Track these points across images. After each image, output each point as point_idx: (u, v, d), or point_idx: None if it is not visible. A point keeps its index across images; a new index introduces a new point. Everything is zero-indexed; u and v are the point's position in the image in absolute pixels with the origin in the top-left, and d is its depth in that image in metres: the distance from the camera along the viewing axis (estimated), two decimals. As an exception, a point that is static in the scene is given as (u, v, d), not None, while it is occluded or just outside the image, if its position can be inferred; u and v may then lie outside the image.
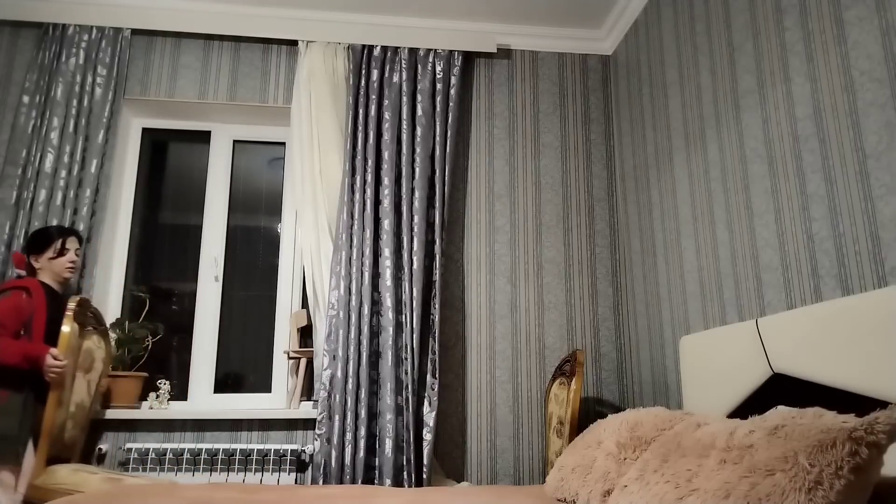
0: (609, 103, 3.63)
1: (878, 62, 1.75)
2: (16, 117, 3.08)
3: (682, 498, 1.34)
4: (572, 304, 3.35)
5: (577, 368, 2.68)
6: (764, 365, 1.91)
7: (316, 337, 3.12)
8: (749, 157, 2.31)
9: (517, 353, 3.26)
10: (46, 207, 2.99)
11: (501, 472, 3.12)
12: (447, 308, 3.27)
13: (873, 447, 1.12)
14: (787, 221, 2.08)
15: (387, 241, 3.10)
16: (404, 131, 3.25)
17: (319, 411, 2.91)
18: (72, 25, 3.21)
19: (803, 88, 2.03)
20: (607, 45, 3.65)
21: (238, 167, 3.54)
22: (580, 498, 1.88)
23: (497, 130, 3.51)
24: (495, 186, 3.44)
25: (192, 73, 3.35)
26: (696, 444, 1.49)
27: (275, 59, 3.43)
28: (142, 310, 3.22)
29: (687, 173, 2.74)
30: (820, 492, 1.10)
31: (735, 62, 2.42)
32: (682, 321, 2.73)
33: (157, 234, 3.47)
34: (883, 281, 1.70)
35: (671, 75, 2.92)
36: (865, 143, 1.78)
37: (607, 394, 3.28)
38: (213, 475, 2.87)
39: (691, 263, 2.67)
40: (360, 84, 3.29)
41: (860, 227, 1.78)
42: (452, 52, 3.42)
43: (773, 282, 2.14)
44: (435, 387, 3.01)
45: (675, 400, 2.74)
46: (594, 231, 3.46)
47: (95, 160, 3.07)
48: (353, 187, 3.16)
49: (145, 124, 3.48)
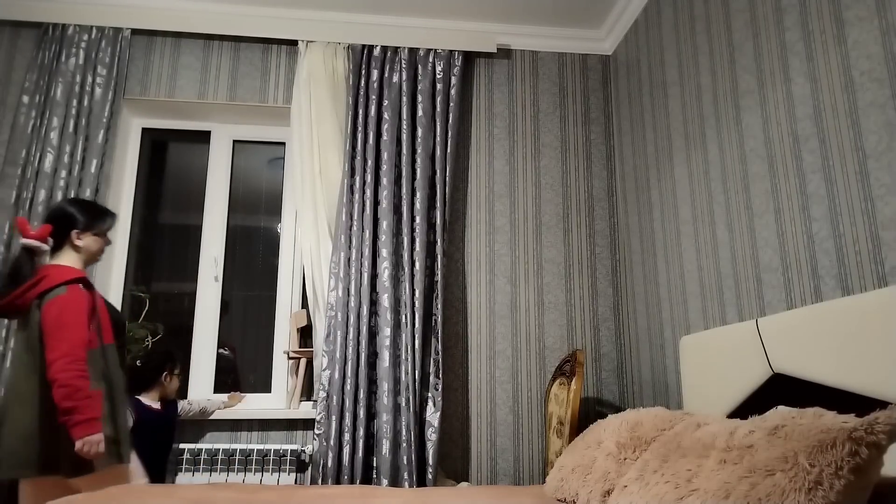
0: (609, 103, 3.63)
1: (878, 62, 1.75)
2: (16, 117, 3.08)
3: (682, 498, 1.34)
4: (572, 304, 3.35)
5: (577, 368, 2.67)
6: (764, 365, 1.91)
7: (315, 337, 3.12)
8: (749, 157, 2.31)
9: (517, 353, 3.26)
10: (46, 207, 2.99)
11: (501, 472, 3.12)
12: (448, 308, 3.27)
13: (873, 447, 1.12)
14: (787, 221, 2.08)
15: (385, 242, 3.09)
16: (404, 131, 3.24)
17: (319, 411, 2.91)
18: (72, 25, 3.21)
19: (803, 88, 2.03)
20: (607, 45, 3.65)
21: (238, 167, 3.54)
22: (580, 498, 1.88)
23: (497, 130, 3.51)
24: (495, 186, 3.44)
25: (191, 73, 3.35)
26: (696, 445, 1.49)
27: (275, 59, 3.43)
28: (142, 310, 3.22)
29: (687, 173, 2.74)
30: (820, 492, 1.10)
31: (735, 62, 2.42)
32: (682, 321, 2.73)
33: (157, 234, 3.47)
34: (883, 281, 1.70)
35: (671, 75, 2.92)
36: (865, 143, 1.77)
37: (607, 394, 3.28)
38: (213, 475, 2.87)
39: (691, 263, 2.67)
40: (360, 84, 3.29)
41: (860, 227, 1.78)
42: (452, 52, 3.42)
43: (773, 282, 2.14)
44: (439, 387, 3.01)
45: (675, 400, 2.74)
46: (594, 231, 3.45)
47: (95, 160, 3.07)
48: (353, 188, 3.16)
49: (145, 124, 3.48)
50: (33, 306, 2.10)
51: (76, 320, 2.05)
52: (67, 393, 1.98)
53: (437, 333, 3.08)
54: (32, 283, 2.11)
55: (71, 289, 2.10)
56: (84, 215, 2.25)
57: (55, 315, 2.04)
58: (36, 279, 2.11)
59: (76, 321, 2.05)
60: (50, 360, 2.00)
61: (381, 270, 3.07)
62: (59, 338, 2.02)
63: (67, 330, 2.03)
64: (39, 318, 2.08)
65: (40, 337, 2.07)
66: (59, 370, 1.98)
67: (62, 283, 2.09)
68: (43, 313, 2.06)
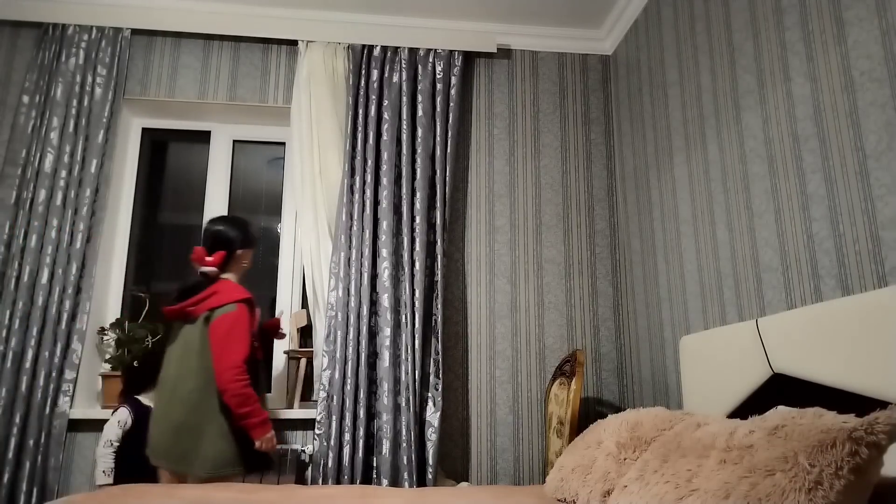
0: (609, 103, 3.63)
1: (878, 62, 1.75)
2: (16, 117, 3.08)
3: (682, 498, 1.34)
4: (572, 304, 3.35)
5: (577, 368, 2.67)
6: (764, 365, 1.91)
7: (315, 337, 3.12)
8: (749, 157, 2.31)
9: (517, 353, 3.26)
10: (46, 207, 2.99)
11: (501, 472, 3.12)
12: (448, 308, 3.27)
13: (873, 447, 1.12)
14: (787, 221, 2.08)
15: (385, 242, 3.09)
16: (404, 131, 3.24)
17: (319, 411, 2.91)
18: (72, 25, 3.21)
19: (803, 88, 2.03)
20: (607, 45, 3.65)
21: (238, 167, 3.54)
22: (580, 498, 1.87)
23: (497, 130, 3.51)
24: (495, 186, 3.44)
25: (191, 72, 3.35)
26: (696, 445, 1.49)
27: (275, 59, 3.43)
28: (142, 310, 3.22)
29: (687, 173, 2.74)
30: (820, 492, 1.10)
31: (735, 62, 2.42)
32: (682, 321, 2.73)
33: (157, 234, 3.47)
34: (883, 281, 1.70)
35: (671, 75, 2.92)
36: (865, 143, 1.77)
37: (607, 394, 3.28)
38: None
39: (691, 263, 2.67)
40: (360, 84, 3.29)
41: (860, 227, 1.78)
42: (452, 52, 3.42)
43: (773, 282, 2.14)
44: (439, 387, 3.01)
45: (675, 400, 2.74)
46: (594, 231, 3.45)
47: (95, 160, 3.07)
48: (353, 188, 3.16)
49: (145, 124, 3.48)
50: (202, 317, 2.36)
51: (242, 336, 2.32)
52: (241, 401, 2.28)
53: (437, 333, 3.08)
54: (205, 296, 2.37)
55: (240, 307, 2.36)
56: (242, 235, 2.52)
57: (225, 330, 2.31)
58: (208, 293, 2.37)
59: (242, 337, 2.32)
60: (219, 370, 2.28)
61: (381, 270, 3.07)
62: (228, 350, 2.29)
63: (236, 343, 2.30)
64: (206, 329, 2.35)
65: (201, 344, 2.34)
66: (230, 381, 2.26)
67: (233, 302, 2.35)
68: (214, 326, 2.33)
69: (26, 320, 2.87)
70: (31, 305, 2.88)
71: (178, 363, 2.37)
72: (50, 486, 2.74)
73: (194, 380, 2.33)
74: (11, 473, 2.72)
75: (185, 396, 2.32)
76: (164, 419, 2.33)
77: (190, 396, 2.32)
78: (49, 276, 2.91)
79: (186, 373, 2.34)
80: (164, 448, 2.31)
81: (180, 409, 2.31)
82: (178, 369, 2.37)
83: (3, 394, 2.77)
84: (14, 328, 2.84)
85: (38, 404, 2.79)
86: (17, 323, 2.84)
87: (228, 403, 2.29)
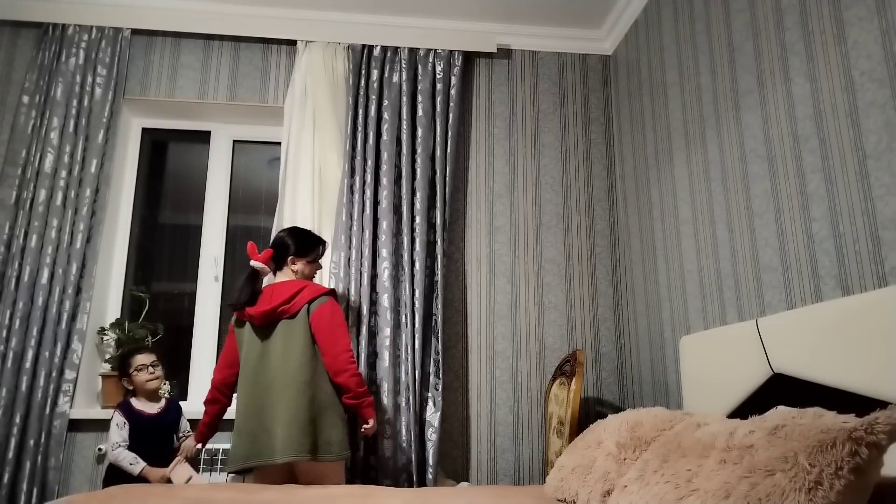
0: (609, 103, 3.63)
1: (878, 62, 1.75)
2: (16, 117, 3.08)
3: (682, 498, 1.34)
4: (572, 304, 3.35)
5: (577, 368, 2.67)
6: (764, 365, 1.91)
7: (316, 337, 3.12)
8: (749, 157, 2.31)
9: (517, 354, 3.26)
10: (46, 207, 2.99)
11: (501, 472, 3.12)
12: (448, 308, 3.26)
13: (873, 447, 1.12)
14: (787, 221, 2.08)
15: (385, 242, 3.09)
16: (404, 132, 3.24)
17: (319, 411, 2.91)
18: (72, 25, 3.21)
19: (803, 88, 2.03)
20: (607, 45, 3.65)
21: (238, 167, 3.53)
22: (580, 498, 1.87)
23: (497, 130, 3.51)
24: (495, 186, 3.44)
25: (191, 73, 3.35)
26: (696, 445, 1.49)
27: (274, 59, 3.43)
28: (142, 310, 3.22)
29: (687, 173, 2.74)
30: (820, 492, 1.10)
31: (735, 62, 2.42)
32: (682, 321, 2.73)
33: (157, 234, 3.47)
34: (883, 281, 1.70)
35: (671, 75, 2.92)
36: (865, 143, 1.77)
37: (607, 394, 3.28)
38: (213, 475, 2.87)
39: (691, 263, 2.67)
40: (360, 84, 3.29)
41: (860, 227, 1.78)
42: (452, 52, 3.42)
43: (773, 282, 2.14)
44: (439, 387, 3.01)
45: (675, 400, 2.74)
46: (594, 231, 3.45)
47: (95, 160, 3.07)
48: (353, 188, 3.16)
49: (145, 124, 3.48)
50: (301, 312, 2.44)
51: (342, 322, 2.46)
52: (359, 381, 2.40)
53: (437, 333, 3.08)
54: (292, 293, 2.44)
55: (330, 298, 2.49)
56: (297, 244, 2.59)
57: (329, 316, 2.43)
58: (294, 291, 2.45)
59: (342, 322, 2.46)
60: (333, 354, 2.39)
61: (381, 270, 3.07)
62: (338, 334, 2.41)
63: (340, 328, 2.43)
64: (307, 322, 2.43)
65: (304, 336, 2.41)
66: (346, 362, 2.38)
67: (324, 294, 2.48)
68: (315, 317, 2.42)
69: (26, 320, 2.87)
70: (31, 305, 2.88)
71: (282, 360, 2.39)
72: (50, 486, 2.75)
73: (304, 372, 2.38)
74: (11, 473, 2.72)
75: (302, 389, 2.35)
76: (286, 415, 2.32)
77: (306, 388, 2.36)
78: (49, 276, 2.91)
79: (295, 367, 2.38)
80: (295, 443, 2.29)
81: (302, 403, 2.34)
82: (283, 366, 2.39)
83: (3, 394, 2.77)
84: (14, 328, 2.84)
85: (39, 404, 2.79)
86: (17, 323, 2.84)
87: (347, 385, 2.37)
